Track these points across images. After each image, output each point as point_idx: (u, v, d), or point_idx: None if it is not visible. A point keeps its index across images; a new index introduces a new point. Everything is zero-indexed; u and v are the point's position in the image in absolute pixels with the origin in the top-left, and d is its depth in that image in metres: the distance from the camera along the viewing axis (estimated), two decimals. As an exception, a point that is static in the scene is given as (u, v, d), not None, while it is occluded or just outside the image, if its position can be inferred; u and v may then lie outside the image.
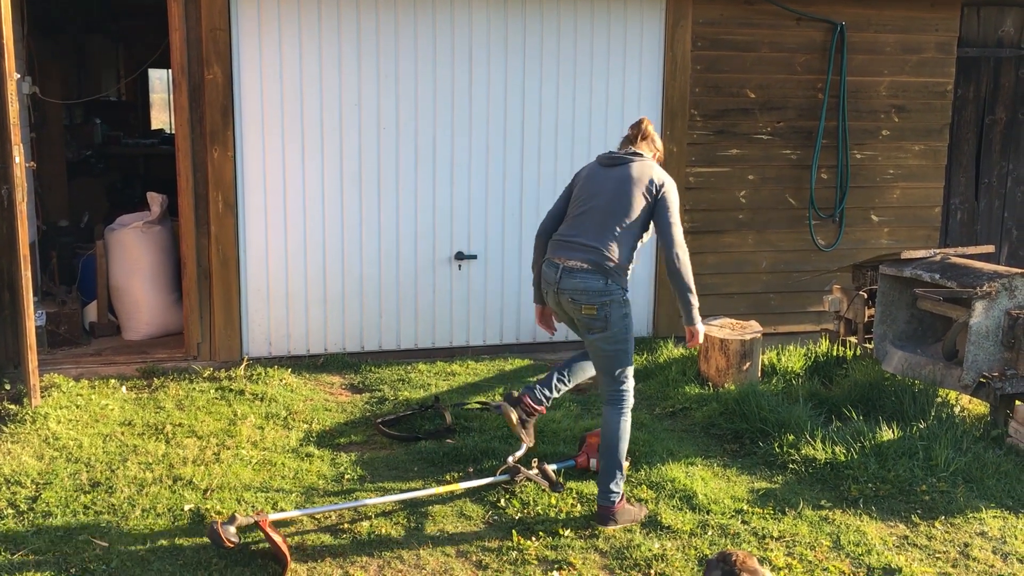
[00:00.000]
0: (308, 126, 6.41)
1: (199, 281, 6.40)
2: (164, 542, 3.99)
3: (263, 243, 6.47)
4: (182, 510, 4.27)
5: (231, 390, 5.88)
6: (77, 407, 5.48)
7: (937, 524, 4.38)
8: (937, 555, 4.11)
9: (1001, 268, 5.71)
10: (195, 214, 6.32)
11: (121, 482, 4.53)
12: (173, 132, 14.23)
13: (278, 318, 6.56)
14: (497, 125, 6.72)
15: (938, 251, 6.10)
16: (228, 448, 4.99)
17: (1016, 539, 4.24)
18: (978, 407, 5.79)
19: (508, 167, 6.79)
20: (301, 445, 5.11)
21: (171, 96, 6.29)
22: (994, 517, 4.45)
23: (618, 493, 4.24)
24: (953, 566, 4.02)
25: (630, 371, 4.30)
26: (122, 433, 5.17)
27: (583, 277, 4.16)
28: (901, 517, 4.45)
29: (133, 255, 6.98)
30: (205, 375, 6.14)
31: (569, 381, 4.62)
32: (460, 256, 6.78)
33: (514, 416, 4.49)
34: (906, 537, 4.26)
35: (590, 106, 6.86)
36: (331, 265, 6.59)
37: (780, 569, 3.92)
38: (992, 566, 4.02)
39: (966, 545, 4.19)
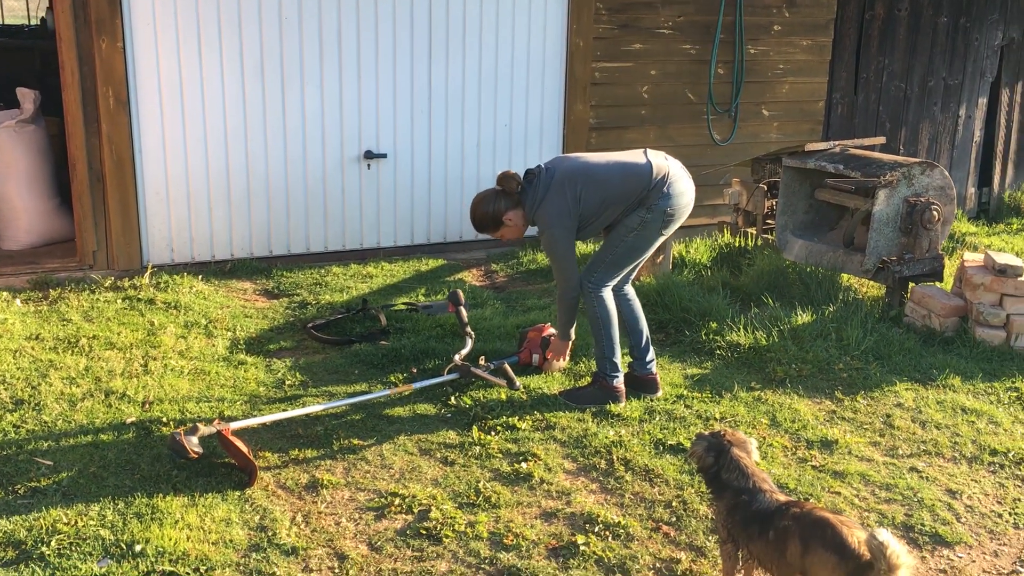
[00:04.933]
0: (204, 16, 5.98)
1: (91, 184, 5.97)
2: (113, 457, 3.80)
3: (160, 141, 6.06)
4: (124, 424, 4.07)
5: (139, 299, 5.59)
6: (-27, 323, 5.08)
7: (859, 399, 4.71)
8: (864, 427, 4.43)
9: (900, 158, 6.04)
10: (83, 111, 5.84)
11: (48, 399, 4.26)
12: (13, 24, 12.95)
13: (180, 221, 6.22)
14: (404, 19, 6.46)
15: (837, 143, 6.38)
16: (155, 359, 4.76)
17: (930, 408, 4.62)
18: (873, 290, 6.19)
19: (416, 64, 6.57)
20: (231, 353, 4.94)
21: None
22: (907, 390, 4.82)
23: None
24: (880, 435, 4.34)
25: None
26: (32, 348, 4.84)
27: None
28: (825, 394, 4.75)
29: (6, 158, 6.42)
30: (106, 285, 5.79)
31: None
32: (369, 155, 6.57)
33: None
34: (834, 412, 4.57)
35: (498, 2, 6.69)
36: (234, 163, 6.26)
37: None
38: (914, 433, 4.38)
39: (888, 416, 4.53)
